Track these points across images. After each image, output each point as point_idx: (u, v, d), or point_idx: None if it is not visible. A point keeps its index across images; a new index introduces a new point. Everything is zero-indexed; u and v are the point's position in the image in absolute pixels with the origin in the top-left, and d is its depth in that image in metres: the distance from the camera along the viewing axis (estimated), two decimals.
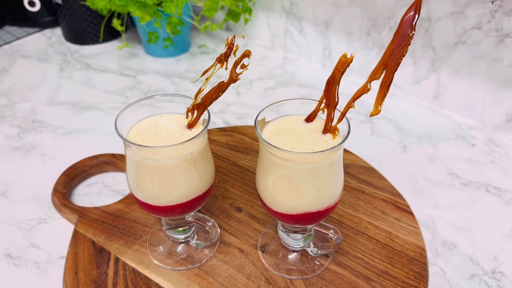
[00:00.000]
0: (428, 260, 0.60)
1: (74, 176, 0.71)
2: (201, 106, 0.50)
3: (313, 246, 0.58)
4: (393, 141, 0.82)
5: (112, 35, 1.13)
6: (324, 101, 0.50)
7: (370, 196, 0.67)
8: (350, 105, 0.48)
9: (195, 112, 0.51)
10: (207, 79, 0.50)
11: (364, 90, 0.47)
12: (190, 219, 0.57)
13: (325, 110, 0.50)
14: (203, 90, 0.50)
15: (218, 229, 0.54)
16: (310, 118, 0.51)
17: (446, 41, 0.82)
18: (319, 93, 0.96)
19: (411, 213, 0.65)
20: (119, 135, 0.47)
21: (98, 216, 0.64)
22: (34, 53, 1.11)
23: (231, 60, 0.48)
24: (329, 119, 0.49)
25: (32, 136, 0.83)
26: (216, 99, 0.50)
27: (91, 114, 0.89)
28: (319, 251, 0.58)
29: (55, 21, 1.19)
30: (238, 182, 0.70)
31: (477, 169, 0.76)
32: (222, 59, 0.48)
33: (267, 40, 1.12)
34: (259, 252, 0.59)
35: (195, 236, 0.59)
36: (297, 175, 0.47)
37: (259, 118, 0.50)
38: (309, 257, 0.58)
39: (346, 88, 0.51)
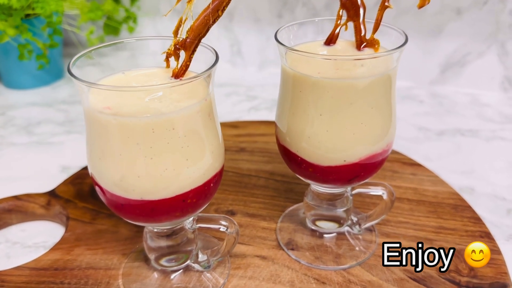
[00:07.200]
0: None
1: None
2: (190, 41, 0.34)
3: (353, 216, 0.44)
4: None
5: None
6: (344, 14, 0.38)
7: None
8: (384, 5, 0.37)
9: (181, 53, 0.34)
10: (189, 1, 0.34)
11: None
12: (189, 226, 0.38)
13: (347, 24, 0.38)
14: (186, 19, 0.34)
15: (237, 226, 0.37)
16: (331, 40, 0.39)
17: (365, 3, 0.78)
18: (244, 89, 0.84)
19: (420, 165, 0.56)
20: (82, 81, 0.29)
21: (27, 277, 0.40)
22: None
23: None
24: (359, 31, 0.38)
25: None
26: (214, 23, 0.34)
27: None
28: (362, 225, 0.44)
29: None
30: None
31: (440, 120, 0.71)
32: None
33: (159, 50, 0.96)
34: (288, 252, 0.43)
35: (199, 255, 0.40)
36: (357, 97, 0.34)
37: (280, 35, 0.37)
38: (350, 236, 0.44)
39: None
